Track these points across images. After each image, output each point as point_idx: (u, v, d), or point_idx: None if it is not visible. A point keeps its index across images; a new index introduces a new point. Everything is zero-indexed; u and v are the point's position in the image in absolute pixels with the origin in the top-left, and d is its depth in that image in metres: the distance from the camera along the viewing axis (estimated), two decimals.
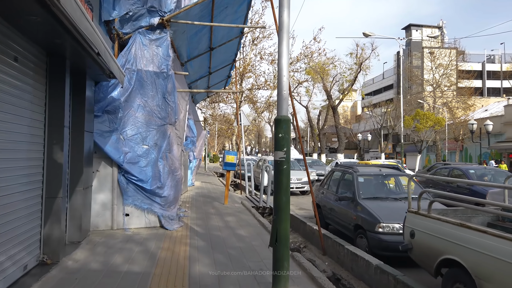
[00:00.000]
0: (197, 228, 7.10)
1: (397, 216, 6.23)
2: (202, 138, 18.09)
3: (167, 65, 7.13)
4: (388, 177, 7.61)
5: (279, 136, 3.88)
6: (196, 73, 12.59)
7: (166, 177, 7.10)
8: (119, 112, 6.63)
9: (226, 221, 7.87)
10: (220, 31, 9.84)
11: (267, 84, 19.95)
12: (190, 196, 12.23)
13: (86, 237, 5.93)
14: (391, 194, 7.32)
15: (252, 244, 5.96)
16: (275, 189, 3.92)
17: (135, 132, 6.87)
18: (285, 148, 3.87)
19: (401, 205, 6.65)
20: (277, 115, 3.93)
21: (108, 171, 6.71)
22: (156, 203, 6.98)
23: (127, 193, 6.77)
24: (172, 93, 7.25)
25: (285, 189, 3.85)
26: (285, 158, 3.86)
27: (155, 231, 6.69)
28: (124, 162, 6.60)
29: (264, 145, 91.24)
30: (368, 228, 6.25)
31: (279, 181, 3.87)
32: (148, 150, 6.95)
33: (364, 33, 25.84)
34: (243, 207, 10.21)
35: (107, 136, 6.55)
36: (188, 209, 9.36)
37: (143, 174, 6.79)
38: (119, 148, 6.61)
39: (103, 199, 6.69)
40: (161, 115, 7.14)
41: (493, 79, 63.05)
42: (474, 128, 21.10)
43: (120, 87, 6.50)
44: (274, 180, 3.94)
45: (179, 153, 8.51)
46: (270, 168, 11.16)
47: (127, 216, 6.82)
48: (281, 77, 3.91)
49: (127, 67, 6.76)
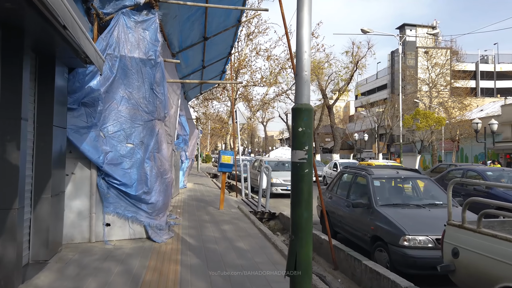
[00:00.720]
0: (189, 240, 6.15)
1: (424, 226, 5.35)
2: (195, 137, 17.11)
3: (155, 51, 6.17)
4: (408, 180, 6.73)
5: (298, 131, 2.95)
6: (189, 66, 11.63)
7: (154, 181, 6.14)
8: (98, 104, 5.65)
9: (223, 231, 6.92)
10: (215, 18, 8.90)
11: (263, 80, 19.02)
12: (182, 199, 11.25)
13: (56, 254, 4.94)
14: (411, 200, 6.44)
15: (256, 261, 5.03)
16: (292, 202, 2.99)
17: (118, 128, 5.91)
18: (306, 146, 2.94)
19: (426, 213, 5.78)
20: (296, 103, 3.00)
21: (86, 174, 5.73)
22: (142, 210, 6.01)
23: (108, 199, 5.80)
24: (161, 84, 6.29)
25: (306, 202, 2.92)
26: (306, 160, 2.93)
27: (140, 244, 5.73)
28: (105, 163, 5.63)
29: (257, 145, 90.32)
30: (390, 241, 5.36)
31: (298, 190, 2.94)
32: (133, 149, 5.99)
33: (362, 29, 25.07)
34: (240, 212, 9.28)
35: (84, 133, 5.57)
36: (179, 215, 8.40)
37: (126, 177, 5.82)
38: (99, 147, 5.64)
39: (79, 207, 5.70)
40: (148, 108, 6.18)
41: (487, 80, 62.99)
42: (478, 127, 20.40)
43: (100, 75, 5.53)
44: (292, 188, 3.02)
45: (169, 153, 7.55)
46: (270, 169, 10.24)
47: (108, 226, 5.84)
48: (301, 53, 2.99)
49: (108, 52, 5.79)
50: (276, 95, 23.02)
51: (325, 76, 35.21)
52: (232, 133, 19.43)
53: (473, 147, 39.23)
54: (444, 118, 29.07)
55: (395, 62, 62.58)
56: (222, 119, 23.07)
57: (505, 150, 34.13)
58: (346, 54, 36.07)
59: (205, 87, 17.32)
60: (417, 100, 38.80)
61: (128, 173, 5.86)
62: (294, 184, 2.98)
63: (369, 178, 6.52)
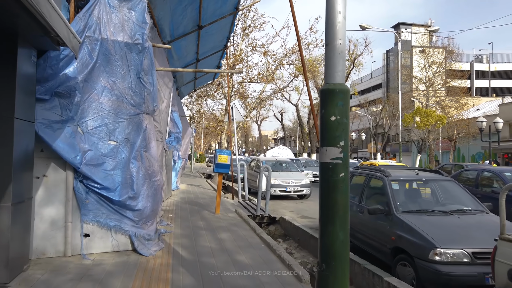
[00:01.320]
0: (182, 252, 5.33)
1: (456, 238, 4.60)
2: (189, 136, 16.26)
3: (142, 34, 5.35)
4: (429, 183, 5.96)
5: (330, 121, 2.16)
6: (181, 59, 10.78)
7: (141, 184, 5.32)
8: (75, 95, 4.82)
9: (220, 240, 6.11)
10: (211, 4, 8.08)
11: (260, 77, 18.20)
12: (175, 202, 10.41)
13: (20, 273, 4.10)
14: (435, 205, 5.67)
15: (262, 281, 4.22)
16: (322, 218, 2.20)
17: (99, 123, 5.09)
18: (341, 142, 2.16)
19: (456, 221, 5.01)
20: (327, 83, 2.21)
21: (60, 177, 4.89)
22: (127, 218, 5.19)
23: (86, 206, 4.97)
24: (149, 72, 5.46)
25: (342, 218, 2.14)
26: (342, 160, 2.14)
27: (124, 258, 4.90)
28: (83, 163, 4.80)
29: (251, 144, 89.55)
30: (417, 254, 4.59)
31: (331, 202, 2.15)
32: (117, 147, 5.17)
33: (361, 25, 24.41)
34: (238, 217, 8.47)
35: (58, 128, 4.73)
36: (171, 221, 7.57)
37: (109, 179, 5.00)
38: (76, 145, 4.81)
39: (52, 215, 4.86)
40: (134, 101, 5.36)
41: (481, 79, 62.88)
42: (483, 126, 19.78)
43: (75, 58, 4.70)
44: (321, 199, 2.22)
45: (159, 151, 6.72)
46: (270, 170, 9.45)
47: (87, 237, 5.01)
48: (334, 16, 2.20)
49: (88, 34, 4.96)
50: (273, 92, 22.22)
51: (321, 75, 34.58)
52: (227, 131, 18.60)
53: (470, 147, 38.85)
54: (445, 116, 28.47)
55: (390, 61, 62.24)
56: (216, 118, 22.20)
57: (503, 149, 33.70)
58: None
59: (199, 83, 16.47)
60: (414, 99, 38.25)
61: (110, 175, 5.04)
62: (325, 194, 2.18)
63: (386, 181, 5.75)
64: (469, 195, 5.76)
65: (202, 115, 26.18)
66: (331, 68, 2.17)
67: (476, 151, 38.90)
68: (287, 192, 13.99)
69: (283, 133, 62.97)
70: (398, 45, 29.12)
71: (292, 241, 8.18)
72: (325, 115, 2.17)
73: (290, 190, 13.98)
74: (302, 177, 14.79)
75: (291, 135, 68.85)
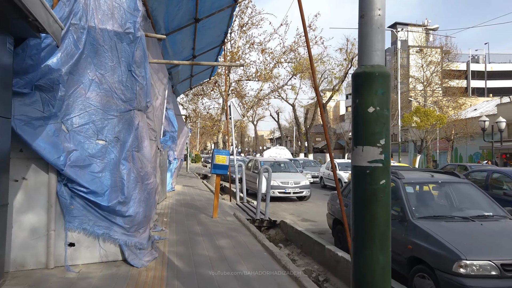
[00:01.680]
0: (178, 263, 4.85)
1: (483, 247, 4.16)
2: (184, 136, 15.75)
3: (134, 22, 4.87)
4: (447, 186, 5.52)
5: (368, 113, 1.71)
6: (177, 55, 10.28)
7: (133, 187, 4.84)
8: (59, 89, 4.33)
9: (219, 248, 5.64)
10: None
11: (258, 75, 17.71)
12: (170, 205, 9.92)
13: None
14: (453, 211, 5.23)
15: None
16: (356, 238, 1.74)
17: (86, 120, 4.61)
18: (382, 140, 1.69)
19: (478, 228, 4.58)
20: (362, 65, 1.75)
21: (42, 179, 4.40)
22: (116, 225, 4.71)
23: (71, 212, 4.48)
24: (141, 65, 4.98)
25: (382, 237, 1.68)
26: (383, 163, 1.68)
27: (114, 270, 4.42)
28: (67, 165, 4.32)
29: (247, 144, 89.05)
30: (438, 266, 4.14)
31: (369, 217, 1.69)
32: (106, 147, 4.69)
33: None
34: (237, 221, 8.00)
35: (39, 126, 4.24)
36: (166, 226, 7.09)
37: (96, 183, 4.52)
38: (59, 144, 4.33)
39: (33, 223, 4.37)
40: (125, 96, 4.88)
41: (478, 79, 62.91)
42: (486, 126, 19.44)
43: (57, 47, 4.21)
44: (355, 213, 1.76)
45: (153, 152, 6.24)
46: (270, 171, 8.99)
47: (72, 246, 4.52)
48: None
49: (73, 22, 4.47)
50: (271, 90, 21.73)
51: (318, 74, 34.19)
52: (224, 131, 18.10)
53: (468, 147, 38.58)
54: (445, 116, 28.16)
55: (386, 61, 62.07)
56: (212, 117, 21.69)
57: (501, 150, 33.45)
58: (340, 51, 35.18)
59: (195, 81, 15.97)
60: (412, 99, 37.97)
61: (98, 177, 4.57)
62: (359, 207, 1.72)
63: (400, 183, 5.30)
64: (488, 199, 5.32)
65: (198, 114, 25.66)
66: (368, 46, 1.71)
67: (474, 151, 38.67)
68: (287, 194, 13.54)
69: (280, 133, 62.50)
70: (397, 43, 28.74)
71: (294, 247, 7.73)
72: (361, 106, 1.71)
73: (290, 192, 13.53)
74: (301, 178, 14.34)
75: (287, 135, 68.41)
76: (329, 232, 7.94)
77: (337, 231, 7.02)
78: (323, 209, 11.83)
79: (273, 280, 4.28)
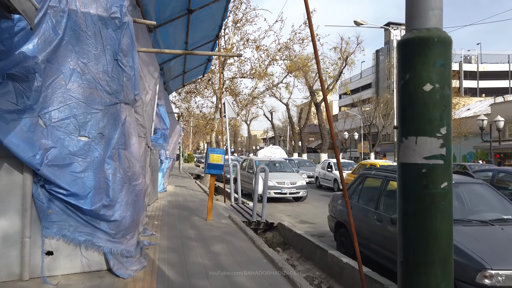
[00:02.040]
0: (169, 272, 4.39)
1: (508, 254, 3.76)
2: (177, 135, 15.25)
3: (120, 6, 4.39)
4: (460, 187, 5.12)
5: (423, 91, 1.26)
6: (169, 49, 9.80)
7: (119, 189, 4.37)
8: (35, 79, 3.85)
9: (214, 254, 5.18)
10: None
11: (252, 72, 17.26)
12: (161, 207, 9.44)
13: None
14: (469, 214, 4.83)
15: None
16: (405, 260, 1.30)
17: (66, 114, 4.14)
18: (443, 128, 1.25)
19: (499, 233, 4.19)
20: (410, 31, 1.30)
21: (15, 180, 3.91)
22: (100, 231, 4.23)
23: (49, 217, 4.00)
24: (129, 53, 4.50)
25: (445, 257, 1.22)
26: (444, 160, 1.24)
27: (97, 282, 3.95)
28: (44, 164, 3.84)
29: (240, 144, 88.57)
30: (458, 276, 3.73)
31: (424, 231, 1.25)
32: (89, 144, 4.22)
33: (356, 21, 23.72)
34: (233, 224, 7.55)
35: (11, 120, 3.76)
36: (156, 229, 6.61)
37: (78, 184, 4.05)
38: (35, 141, 3.84)
39: (5, 229, 3.88)
40: (111, 88, 4.41)
41: (470, 79, 63.17)
42: (484, 125, 19.22)
43: (40, 37, 3.73)
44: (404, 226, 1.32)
45: (142, 150, 5.76)
46: (267, 170, 8.54)
47: (50, 255, 4.04)
48: None
49: (52, 4, 3.98)
50: (266, 88, 21.30)
51: (312, 73, 33.86)
52: (218, 130, 17.62)
53: (462, 147, 38.55)
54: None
55: (380, 61, 61.97)
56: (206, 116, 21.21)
57: (494, 149, 33.42)
58: (335, 50, 34.84)
59: (188, 78, 15.48)
60: None
61: (80, 178, 4.09)
62: (410, 217, 1.29)
63: None
64: (506, 200, 4.94)
65: (191, 112, 25.13)
66: (421, 3, 1.27)
67: (468, 151, 38.67)
68: (283, 195, 13.11)
69: (273, 133, 62.08)
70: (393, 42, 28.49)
71: (293, 251, 7.30)
72: (413, 83, 1.28)
73: (286, 192, 13.11)
74: (297, 178, 13.93)
75: (280, 134, 68.07)
76: (329, 235, 7.53)
77: (340, 235, 6.60)
78: (321, 210, 11.45)
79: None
